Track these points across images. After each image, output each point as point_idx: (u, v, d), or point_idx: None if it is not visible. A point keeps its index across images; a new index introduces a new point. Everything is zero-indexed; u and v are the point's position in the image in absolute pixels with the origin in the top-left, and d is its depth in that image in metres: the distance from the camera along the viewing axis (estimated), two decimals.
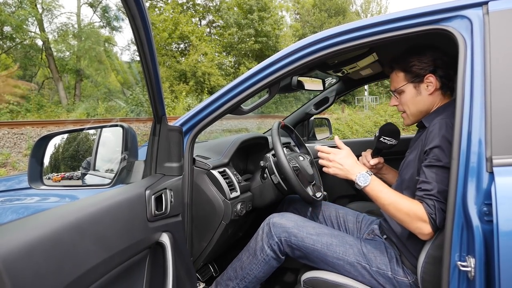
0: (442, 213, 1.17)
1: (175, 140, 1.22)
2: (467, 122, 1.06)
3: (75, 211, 0.72)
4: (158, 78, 1.05)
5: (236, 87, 1.41)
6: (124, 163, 1.20)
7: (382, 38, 1.24)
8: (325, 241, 1.43)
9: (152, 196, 1.01)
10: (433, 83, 1.38)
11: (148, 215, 0.97)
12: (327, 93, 2.53)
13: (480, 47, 1.08)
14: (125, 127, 1.20)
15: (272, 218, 1.53)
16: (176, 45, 23.06)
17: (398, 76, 1.45)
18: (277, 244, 1.47)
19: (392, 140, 1.52)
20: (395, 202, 1.26)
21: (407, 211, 1.22)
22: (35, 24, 18.58)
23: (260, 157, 1.84)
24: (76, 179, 1.29)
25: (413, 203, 1.23)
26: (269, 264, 1.49)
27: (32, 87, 18.02)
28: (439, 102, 1.41)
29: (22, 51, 18.89)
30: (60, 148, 1.29)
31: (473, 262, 0.98)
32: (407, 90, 1.43)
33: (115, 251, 0.78)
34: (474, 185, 1.02)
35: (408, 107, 1.45)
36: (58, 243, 0.64)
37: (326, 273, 1.42)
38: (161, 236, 1.03)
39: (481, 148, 1.02)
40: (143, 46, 0.92)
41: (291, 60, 1.36)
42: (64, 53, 20.04)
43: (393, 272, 1.35)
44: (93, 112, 15.49)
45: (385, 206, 1.29)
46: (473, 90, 1.07)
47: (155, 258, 1.03)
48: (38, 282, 0.58)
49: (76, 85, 19.70)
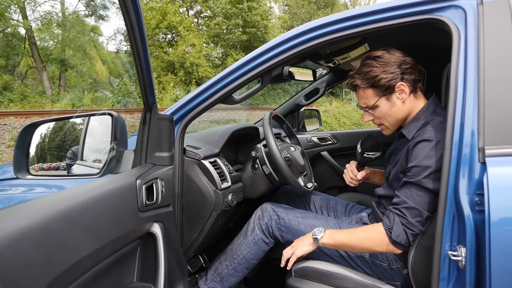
0: (402, 229, 1.19)
1: (166, 129, 1.19)
2: (459, 113, 1.06)
3: (64, 200, 0.69)
4: (149, 65, 1.02)
5: (228, 76, 1.38)
6: (113, 152, 1.18)
7: (374, 28, 1.23)
8: (309, 222, 1.50)
9: (143, 186, 0.98)
10: (404, 91, 1.31)
11: (139, 205, 0.94)
12: (317, 84, 2.52)
13: (474, 37, 1.08)
14: (114, 116, 1.17)
15: (265, 204, 1.62)
16: (163, 36, 22.76)
17: (366, 93, 1.35)
18: (266, 225, 1.54)
19: (375, 154, 1.52)
20: (353, 233, 1.31)
21: (367, 235, 1.27)
22: (18, 12, 18.11)
23: (251, 148, 1.83)
24: (62, 169, 1.25)
25: (369, 226, 1.31)
26: (257, 244, 1.55)
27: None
28: (413, 106, 1.35)
29: (4, 39, 18.40)
30: (46, 137, 1.25)
31: (464, 251, 0.99)
32: (381, 104, 1.35)
33: (106, 241, 0.76)
34: (466, 175, 1.02)
35: (386, 120, 1.38)
36: (48, 232, 0.62)
37: (317, 263, 1.43)
38: (152, 226, 1.01)
39: (474, 138, 1.02)
40: (134, 30, 0.89)
41: (284, 49, 1.34)
42: (48, 42, 19.61)
43: (371, 256, 1.37)
44: (79, 102, 15.23)
45: (348, 244, 1.30)
46: (466, 81, 1.06)
47: (146, 248, 1.02)
48: (28, 273, 0.56)
49: (60, 75, 19.31)
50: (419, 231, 1.20)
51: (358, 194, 2.19)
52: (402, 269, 1.34)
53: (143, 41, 0.94)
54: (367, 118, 1.42)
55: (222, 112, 14.42)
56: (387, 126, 1.41)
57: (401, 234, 1.19)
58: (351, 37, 1.28)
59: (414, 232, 1.19)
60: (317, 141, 2.63)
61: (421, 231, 1.20)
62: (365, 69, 1.33)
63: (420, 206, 1.18)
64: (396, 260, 1.35)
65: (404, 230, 1.19)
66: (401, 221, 1.19)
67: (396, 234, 1.20)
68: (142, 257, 0.99)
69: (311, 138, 2.62)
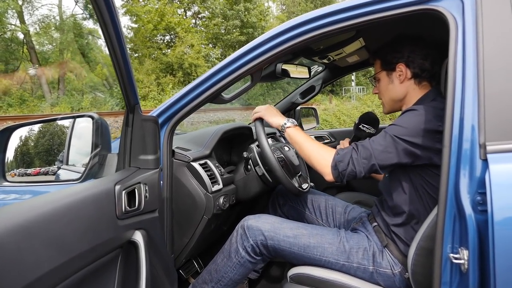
0: (348, 159, 1.24)
1: (150, 130, 1.13)
2: (459, 107, 1.01)
3: (24, 211, 0.63)
4: (128, 64, 0.96)
5: (215, 74, 1.33)
6: (96, 156, 1.12)
7: (369, 20, 1.17)
8: (303, 243, 1.38)
9: (123, 192, 0.92)
10: (403, 72, 1.38)
11: (117, 212, 0.88)
12: (313, 81, 2.46)
13: (472, 28, 1.02)
14: (95, 118, 1.12)
15: (247, 220, 1.46)
16: (161, 37, 22.75)
17: (376, 64, 1.48)
18: (252, 246, 1.42)
19: (371, 129, 1.56)
20: (312, 141, 1.37)
21: (320, 150, 1.33)
22: (15, 16, 18.11)
23: (244, 148, 1.77)
24: (50, 174, 1.20)
25: (327, 147, 1.35)
26: (244, 266, 1.44)
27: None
28: (412, 92, 1.39)
29: (3, 44, 18.40)
30: (25, 142, 1.20)
31: (466, 254, 0.93)
32: (382, 78, 1.45)
33: (75, 254, 0.70)
34: (467, 173, 0.96)
35: (383, 95, 1.47)
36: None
37: (313, 269, 1.37)
38: (134, 235, 0.95)
39: (474, 134, 0.97)
40: (108, 27, 0.84)
41: (274, 44, 1.28)
42: (46, 46, 19.61)
43: (375, 266, 1.32)
44: (78, 105, 15.22)
45: (303, 144, 1.38)
46: (465, 74, 1.01)
47: (128, 258, 0.96)
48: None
49: (59, 79, 19.28)
50: (359, 173, 1.23)
51: (357, 193, 2.14)
52: (403, 273, 1.29)
53: (119, 38, 0.88)
54: (374, 90, 1.54)
55: (222, 113, 14.39)
56: (383, 102, 1.49)
57: (344, 162, 1.24)
58: (345, 31, 1.23)
59: (355, 170, 1.23)
60: None
61: (360, 173, 1.23)
62: (385, 44, 1.44)
63: (374, 152, 1.22)
64: (397, 263, 1.30)
65: (348, 161, 1.23)
66: (352, 154, 1.24)
67: (340, 158, 1.25)
68: (123, 268, 0.93)
69: None
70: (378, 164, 1.21)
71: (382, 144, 1.21)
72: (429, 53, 1.37)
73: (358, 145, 1.25)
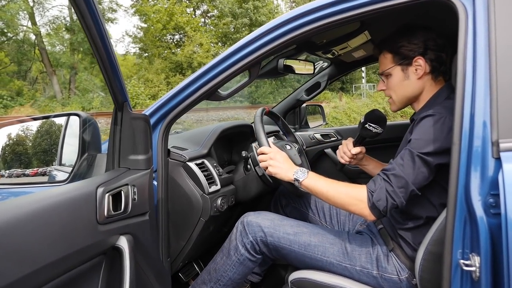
0: (385, 195, 1.12)
1: (141, 129, 1.08)
2: (469, 102, 0.94)
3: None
4: (112, 59, 0.91)
5: (211, 69, 1.27)
6: (83, 156, 1.07)
7: (372, 10, 1.10)
8: (303, 241, 1.33)
9: (107, 195, 0.87)
10: (422, 67, 1.26)
11: (98, 217, 0.82)
12: (318, 77, 2.38)
13: (484, 16, 0.96)
14: (82, 116, 1.07)
15: (247, 216, 1.41)
16: (171, 36, 22.83)
17: (386, 58, 1.33)
18: (252, 243, 1.36)
19: (377, 128, 1.41)
20: (334, 186, 1.23)
21: (348, 192, 1.20)
22: (27, 18, 18.35)
23: (245, 147, 1.71)
24: (27, 175, 1.15)
25: (353, 185, 1.22)
26: (244, 264, 1.39)
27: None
28: (428, 88, 1.29)
29: (15, 46, 18.67)
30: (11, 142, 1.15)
31: (477, 260, 0.87)
32: (395, 73, 1.31)
33: (41, 265, 0.64)
34: (478, 173, 0.90)
35: (395, 92, 1.34)
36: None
37: (315, 273, 1.31)
38: (118, 240, 0.89)
39: (486, 131, 0.91)
40: (86, 19, 0.78)
41: (273, 37, 1.22)
42: (57, 46, 19.83)
43: (380, 270, 1.25)
44: (88, 106, 15.34)
45: (325, 194, 1.23)
46: (476, 66, 0.95)
47: (113, 265, 0.90)
48: None
49: (70, 79, 19.49)
50: (400, 204, 1.12)
51: None
52: (411, 279, 1.22)
53: (100, 30, 0.82)
54: (380, 87, 1.40)
55: (231, 111, 14.36)
56: (394, 100, 1.36)
57: (382, 199, 1.13)
58: (348, 21, 1.16)
59: (395, 202, 1.12)
60: (320, 138, 2.49)
61: (401, 204, 1.13)
62: (393, 34, 1.31)
63: (408, 177, 1.12)
64: (404, 269, 1.23)
65: (386, 197, 1.12)
66: (386, 187, 1.13)
67: (377, 197, 1.13)
68: (107, 275, 0.88)
69: (313, 135, 2.48)
70: (416, 188, 1.12)
71: (413, 166, 1.12)
72: (445, 43, 1.26)
73: (388, 175, 1.14)
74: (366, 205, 1.15)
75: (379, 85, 1.41)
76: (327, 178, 1.27)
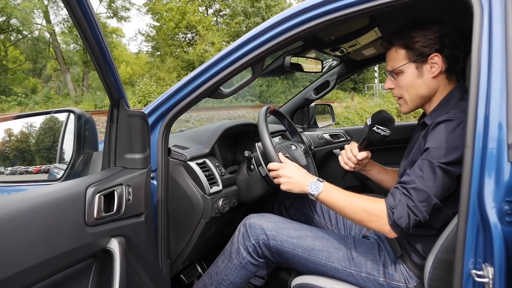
0: (406, 211, 1.05)
1: (138, 127, 1.04)
2: (483, 103, 0.89)
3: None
4: (106, 54, 0.87)
5: (212, 66, 1.23)
6: (78, 154, 1.04)
7: (382, 4, 1.04)
8: (307, 245, 1.27)
9: (97, 195, 0.83)
10: (438, 64, 1.16)
11: (87, 219, 0.79)
12: (327, 76, 2.32)
13: (500, 12, 0.91)
14: (77, 113, 1.03)
15: (249, 218, 1.37)
16: (183, 35, 22.94)
17: (398, 54, 1.21)
18: (254, 246, 1.32)
19: (386, 131, 1.29)
20: (351, 200, 1.16)
21: (366, 207, 1.12)
22: (41, 16, 18.62)
23: (250, 147, 1.66)
24: (20, 173, 1.13)
25: (371, 199, 1.14)
26: (245, 268, 1.34)
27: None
28: (442, 88, 1.20)
29: (30, 44, 18.97)
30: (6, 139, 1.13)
31: (491, 271, 0.82)
32: (407, 71, 1.20)
33: (18, 270, 0.60)
34: (492, 178, 0.85)
35: (407, 91, 1.23)
36: None
37: (318, 279, 1.26)
38: (109, 243, 0.85)
39: (502, 133, 0.86)
40: (75, 12, 0.74)
41: (277, 32, 1.17)
42: (71, 44, 20.09)
43: (387, 278, 1.19)
44: (101, 103, 15.48)
45: (342, 209, 1.17)
46: (491, 65, 0.90)
47: (104, 268, 0.86)
48: None
49: (83, 77, 19.72)
50: (423, 219, 1.05)
51: (372, 195, 1.99)
52: (419, 287, 1.15)
53: (91, 24, 0.79)
54: (388, 85, 1.29)
55: (242, 110, 14.33)
56: (406, 100, 1.25)
57: (404, 216, 1.05)
58: (356, 16, 1.10)
59: (418, 218, 1.05)
60: (329, 138, 2.43)
61: (425, 218, 1.05)
62: (406, 27, 1.21)
63: (430, 190, 1.04)
64: (412, 277, 1.17)
65: (408, 213, 1.05)
66: (407, 203, 1.06)
67: (399, 215, 1.06)
68: (97, 279, 0.84)
69: (322, 135, 2.42)
70: (438, 200, 1.05)
71: (434, 178, 1.04)
72: (459, 40, 1.18)
73: (408, 189, 1.06)
74: (387, 222, 1.08)
75: (387, 83, 1.30)
76: (341, 190, 1.20)
